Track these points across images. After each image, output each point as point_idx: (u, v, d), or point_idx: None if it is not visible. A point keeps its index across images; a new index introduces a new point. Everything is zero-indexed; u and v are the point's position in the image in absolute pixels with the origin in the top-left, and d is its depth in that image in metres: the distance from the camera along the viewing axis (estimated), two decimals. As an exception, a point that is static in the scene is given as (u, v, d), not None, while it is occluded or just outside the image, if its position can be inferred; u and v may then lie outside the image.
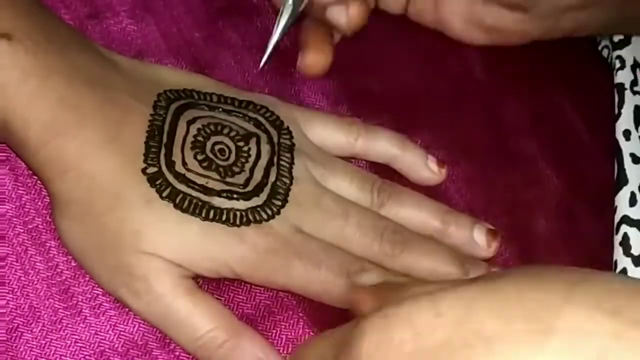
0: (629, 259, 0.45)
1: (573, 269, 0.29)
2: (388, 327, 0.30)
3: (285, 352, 0.40)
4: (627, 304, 0.27)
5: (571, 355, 0.26)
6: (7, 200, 0.41)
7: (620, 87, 0.50)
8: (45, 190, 0.41)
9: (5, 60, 0.38)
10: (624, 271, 0.44)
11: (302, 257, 0.40)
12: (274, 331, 0.41)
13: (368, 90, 0.49)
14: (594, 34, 0.50)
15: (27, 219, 0.41)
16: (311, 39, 0.46)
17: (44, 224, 0.41)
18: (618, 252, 0.45)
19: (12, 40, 0.38)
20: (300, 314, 0.41)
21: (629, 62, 0.51)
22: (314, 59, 0.46)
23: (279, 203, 0.41)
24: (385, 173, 0.46)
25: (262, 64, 0.44)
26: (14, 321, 0.39)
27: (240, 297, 0.41)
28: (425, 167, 0.46)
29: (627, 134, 0.48)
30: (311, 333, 0.41)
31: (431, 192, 0.46)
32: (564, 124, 0.51)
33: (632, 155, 0.48)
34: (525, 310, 0.28)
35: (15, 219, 0.41)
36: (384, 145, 0.46)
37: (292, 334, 0.41)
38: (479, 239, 0.44)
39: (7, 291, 0.39)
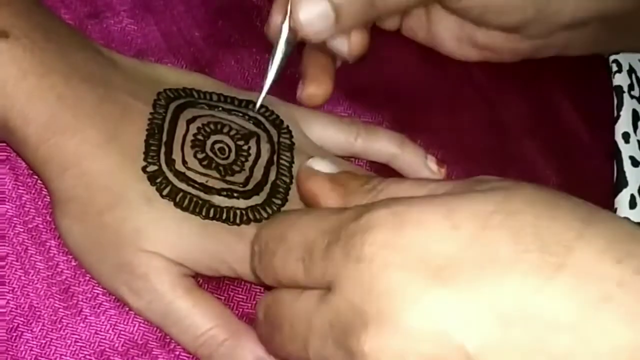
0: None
1: (587, 204, 0.30)
2: (399, 227, 0.29)
3: (285, 351, 0.40)
4: (633, 253, 0.27)
5: (575, 294, 0.27)
6: (7, 200, 0.41)
7: (619, 89, 0.50)
8: (45, 190, 0.41)
9: (2, 58, 0.38)
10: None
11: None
12: (274, 331, 0.41)
13: (368, 89, 0.49)
14: (586, 53, 0.50)
15: (27, 218, 0.41)
16: (311, 69, 0.46)
17: (44, 224, 0.41)
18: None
19: (10, 38, 0.38)
20: (301, 314, 0.41)
21: (625, 67, 0.51)
22: (315, 90, 0.45)
23: (279, 202, 0.41)
24: (385, 173, 0.46)
25: (258, 105, 0.43)
26: (14, 321, 0.39)
27: (240, 296, 0.41)
28: (424, 167, 0.46)
29: (626, 137, 0.48)
30: (311, 333, 0.41)
31: (431, 192, 0.46)
32: (564, 124, 0.51)
33: (632, 158, 0.48)
34: (540, 241, 0.28)
35: (15, 219, 0.41)
36: (383, 145, 0.46)
37: (292, 333, 0.41)
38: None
39: (7, 291, 0.39)
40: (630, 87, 0.50)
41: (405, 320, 0.28)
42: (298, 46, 0.45)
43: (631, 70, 0.51)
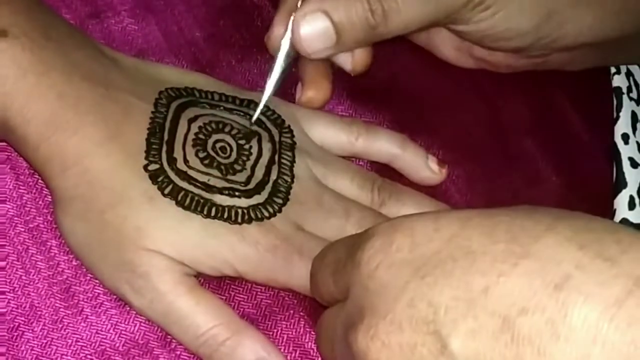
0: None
1: (567, 211, 0.31)
2: (391, 234, 0.32)
3: (286, 351, 0.40)
4: (596, 239, 0.28)
5: (537, 277, 0.28)
6: (8, 200, 0.41)
7: (618, 90, 0.50)
8: (46, 190, 0.41)
9: (2, 57, 0.38)
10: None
11: (303, 255, 0.40)
12: (275, 330, 0.41)
13: (369, 89, 0.49)
14: (584, 68, 0.51)
15: (28, 218, 0.41)
16: (310, 73, 0.46)
17: (45, 223, 0.41)
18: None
19: (9, 37, 0.38)
20: (301, 313, 0.41)
21: (623, 69, 0.51)
22: (314, 94, 0.45)
23: (280, 201, 0.41)
24: (386, 173, 0.46)
25: (254, 118, 0.43)
26: (15, 320, 0.39)
27: (241, 296, 0.41)
28: (425, 167, 0.46)
29: (625, 138, 0.48)
30: (312, 332, 0.41)
31: (432, 192, 0.46)
32: (564, 124, 0.51)
33: (631, 159, 0.48)
34: (509, 234, 0.30)
35: (16, 218, 0.41)
36: (384, 145, 0.46)
37: (293, 333, 0.41)
38: None
39: (8, 290, 0.39)
40: (629, 89, 0.50)
41: (391, 313, 0.30)
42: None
43: (629, 73, 0.51)
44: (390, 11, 0.42)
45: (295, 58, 0.45)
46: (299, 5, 0.43)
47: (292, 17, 0.43)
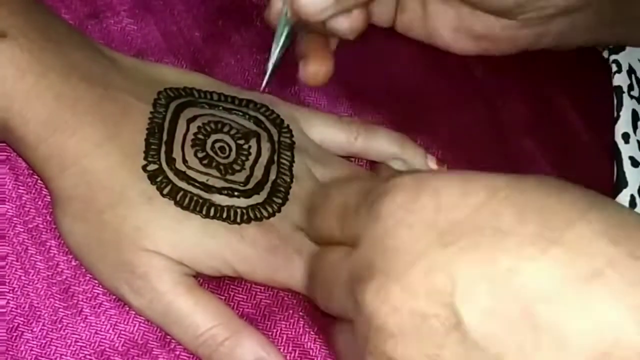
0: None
1: (596, 193, 0.30)
2: (416, 191, 0.31)
3: (285, 351, 0.40)
4: (629, 236, 0.28)
5: (564, 268, 0.27)
6: (7, 200, 0.41)
7: (619, 89, 0.50)
8: (45, 190, 0.41)
9: (0, 58, 0.38)
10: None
11: (302, 255, 0.40)
12: (274, 330, 0.41)
13: (368, 89, 0.49)
14: (581, 43, 0.50)
15: (27, 218, 0.41)
16: (310, 48, 0.45)
17: (44, 224, 0.41)
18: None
19: (7, 37, 0.38)
20: (301, 313, 0.41)
21: (624, 67, 0.51)
22: (316, 68, 0.45)
23: (280, 201, 0.41)
24: (385, 173, 0.46)
25: (263, 86, 0.43)
26: (15, 320, 0.39)
27: (241, 296, 0.41)
28: (425, 167, 0.46)
29: (626, 137, 0.48)
30: (311, 333, 0.41)
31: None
32: (564, 124, 0.51)
33: (631, 158, 0.48)
34: (542, 216, 0.29)
35: (15, 219, 0.41)
36: (383, 144, 0.46)
37: (293, 333, 0.41)
38: None
39: (7, 290, 0.39)
40: (630, 87, 0.50)
41: (405, 277, 0.30)
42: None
43: (631, 71, 0.51)
44: None
45: (294, 38, 0.44)
46: None
47: None
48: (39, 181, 0.41)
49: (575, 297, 0.27)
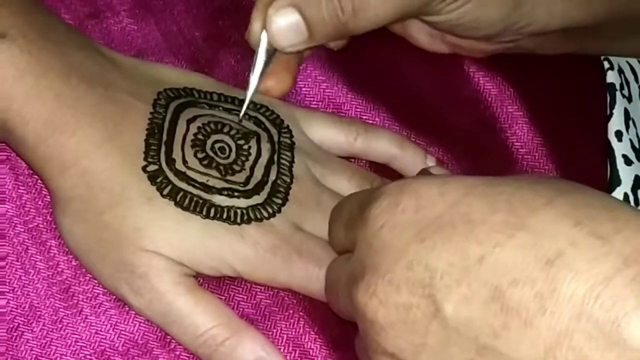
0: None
1: (577, 185, 0.31)
2: (398, 195, 0.33)
3: (285, 351, 0.40)
4: (592, 216, 0.29)
5: (530, 250, 0.29)
6: (7, 200, 0.41)
7: (611, 87, 0.50)
8: (45, 190, 0.41)
9: (0, 58, 0.38)
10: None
11: (302, 255, 0.40)
12: (274, 330, 0.41)
13: (368, 90, 0.49)
14: (556, 53, 0.51)
15: (27, 218, 0.41)
16: (275, 64, 0.45)
17: (45, 224, 0.41)
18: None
19: (7, 38, 0.39)
20: (301, 313, 0.41)
21: (616, 65, 0.50)
22: (272, 84, 0.45)
23: (280, 201, 0.41)
24: (385, 173, 0.46)
25: (241, 115, 0.43)
26: (15, 320, 0.39)
27: (241, 296, 0.41)
28: (425, 167, 0.46)
29: (619, 135, 0.48)
30: (312, 332, 0.41)
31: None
32: (560, 122, 0.51)
33: (624, 156, 0.47)
34: (510, 205, 0.30)
35: (15, 218, 0.41)
36: (383, 145, 0.46)
37: (293, 333, 0.41)
38: None
39: (7, 290, 0.39)
40: (622, 86, 0.50)
41: (390, 273, 0.32)
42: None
43: (620, 70, 0.51)
44: (360, 8, 0.42)
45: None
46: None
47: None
48: (39, 181, 0.41)
49: (539, 278, 0.28)
